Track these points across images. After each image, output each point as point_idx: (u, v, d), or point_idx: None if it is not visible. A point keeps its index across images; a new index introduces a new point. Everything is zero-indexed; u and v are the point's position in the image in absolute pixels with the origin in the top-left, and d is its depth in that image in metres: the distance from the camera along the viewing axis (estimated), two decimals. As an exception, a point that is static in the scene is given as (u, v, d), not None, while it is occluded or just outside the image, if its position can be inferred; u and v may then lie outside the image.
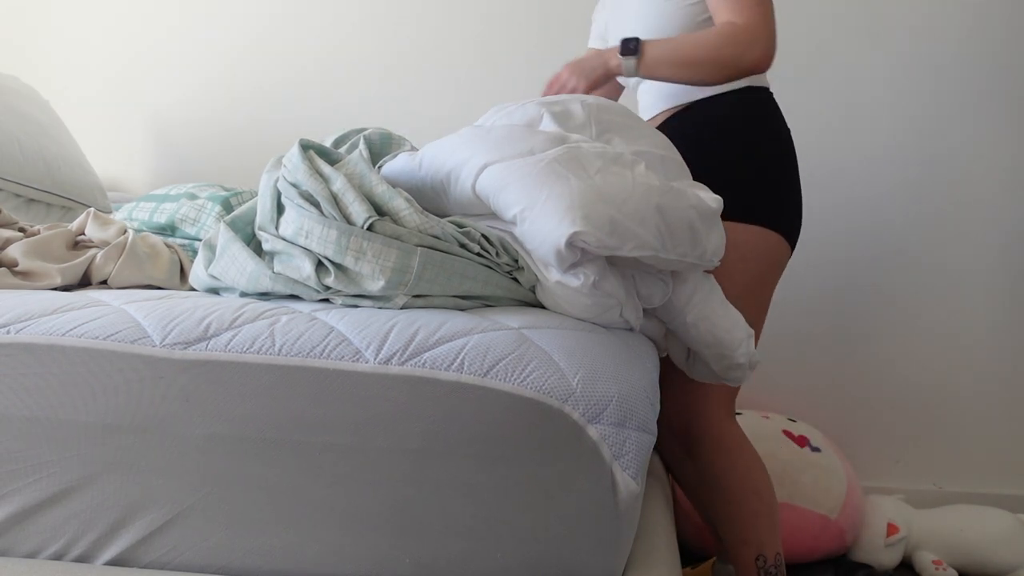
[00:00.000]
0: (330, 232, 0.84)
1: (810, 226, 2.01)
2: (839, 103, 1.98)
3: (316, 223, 0.85)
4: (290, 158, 0.92)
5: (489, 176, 0.91)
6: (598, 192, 0.87)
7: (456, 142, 0.98)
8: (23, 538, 0.79)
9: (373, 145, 1.12)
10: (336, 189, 0.87)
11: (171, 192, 1.32)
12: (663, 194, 0.91)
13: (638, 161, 0.95)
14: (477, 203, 0.94)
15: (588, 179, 0.88)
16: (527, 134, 0.96)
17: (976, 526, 1.72)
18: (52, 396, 0.78)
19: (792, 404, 2.03)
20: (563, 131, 1.00)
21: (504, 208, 0.90)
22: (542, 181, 0.87)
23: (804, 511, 1.69)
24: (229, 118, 2.26)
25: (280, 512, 0.76)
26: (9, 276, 1.03)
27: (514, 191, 0.89)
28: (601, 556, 0.75)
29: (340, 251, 0.84)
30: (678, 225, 0.91)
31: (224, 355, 0.77)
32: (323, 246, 0.85)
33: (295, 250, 0.87)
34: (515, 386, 0.74)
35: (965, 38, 1.92)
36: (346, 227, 0.84)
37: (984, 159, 1.94)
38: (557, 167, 0.89)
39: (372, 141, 1.12)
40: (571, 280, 0.88)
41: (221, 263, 0.94)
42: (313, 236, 0.85)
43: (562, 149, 0.92)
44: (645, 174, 0.92)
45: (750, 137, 1.33)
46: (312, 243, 0.86)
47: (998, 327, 1.96)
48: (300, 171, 0.90)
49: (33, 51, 2.36)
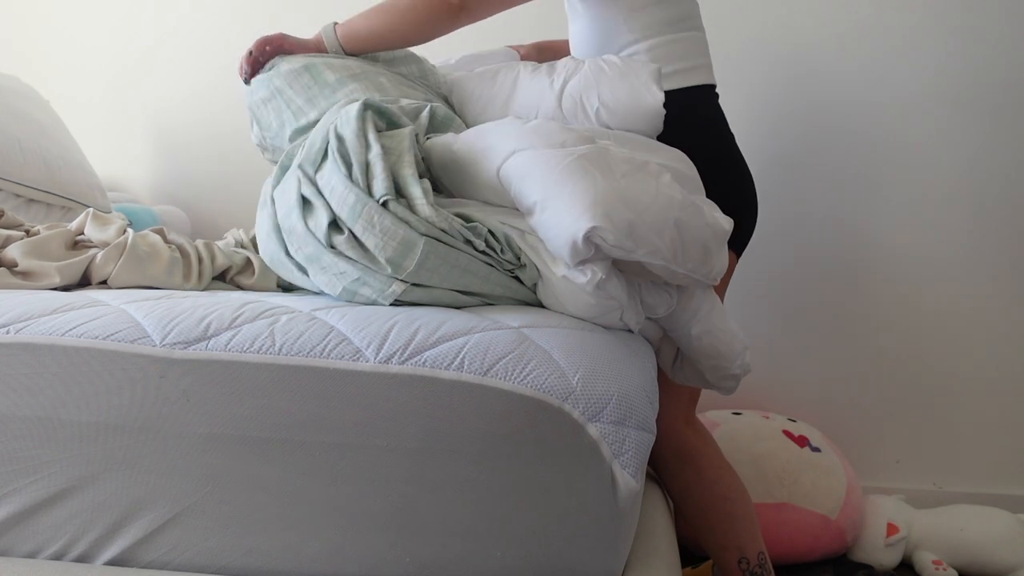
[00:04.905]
0: (348, 195, 0.87)
1: (809, 226, 2.02)
2: (837, 103, 1.99)
3: (340, 182, 0.88)
4: (348, 111, 0.95)
5: (516, 162, 0.93)
6: (622, 194, 0.88)
7: (493, 127, 1.00)
8: (23, 538, 0.79)
9: (435, 118, 1.14)
10: (370, 157, 0.90)
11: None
12: (683, 208, 0.92)
13: (664, 171, 0.96)
14: (497, 188, 0.96)
15: (614, 180, 0.89)
16: (560, 130, 0.98)
17: (976, 526, 1.72)
18: (52, 396, 0.78)
19: (792, 404, 2.03)
20: (594, 134, 1.02)
21: (525, 194, 0.91)
22: (569, 174, 0.89)
23: (804, 511, 1.69)
24: (229, 119, 2.25)
25: (280, 512, 0.76)
26: (9, 276, 1.04)
27: (538, 179, 0.90)
28: (601, 555, 0.75)
29: (353, 216, 0.86)
30: (692, 241, 0.93)
31: (224, 355, 0.77)
32: (340, 206, 0.87)
33: (319, 200, 0.90)
34: (515, 385, 0.74)
35: (958, 35, 1.92)
36: (364, 196, 0.86)
37: (984, 158, 1.94)
38: (585, 163, 0.90)
39: (436, 114, 1.14)
40: (578, 276, 0.88)
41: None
42: (335, 193, 0.88)
43: (592, 148, 0.94)
44: (670, 185, 0.93)
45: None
46: (333, 200, 0.88)
47: (998, 327, 1.96)
48: (349, 127, 0.92)
49: (33, 52, 2.36)
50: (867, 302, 2.01)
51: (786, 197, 2.01)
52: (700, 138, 1.27)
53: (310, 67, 1.22)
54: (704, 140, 1.27)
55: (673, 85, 1.28)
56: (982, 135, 1.93)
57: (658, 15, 1.27)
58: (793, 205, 2.01)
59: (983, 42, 1.91)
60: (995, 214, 1.94)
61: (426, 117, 1.09)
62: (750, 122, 1.98)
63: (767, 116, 2.01)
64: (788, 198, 2.01)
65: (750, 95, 2.00)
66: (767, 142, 2.00)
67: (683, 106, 1.28)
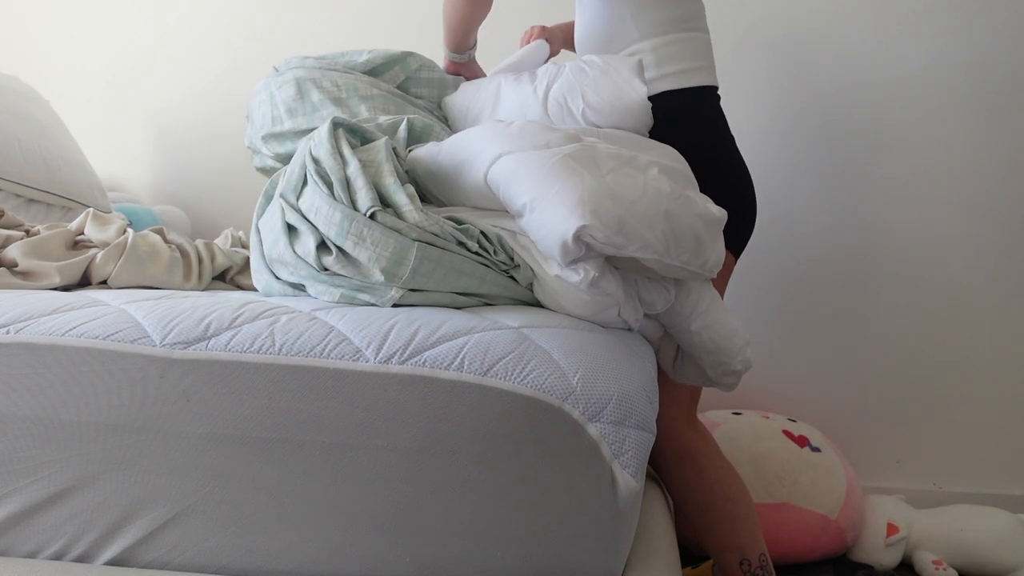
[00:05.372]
0: (335, 214, 0.86)
1: (809, 226, 2.02)
2: (838, 103, 1.99)
3: (324, 202, 0.87)
4: (319, 132, 0.94)
5: (502, 165, 0.92)
6: (609, 190, 0.87)
7: (476, 133, 1.00)
8: (23, 538, 0.79)
9: (414, 130, 1.14)
10: (349, 173, 0.89)
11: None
12: (673, 200, 0.92)
13: (651, 165, 0.96)
14: (486, 193, 0.95)
15: (601, 177, 0.89)
16: (544, 130, 0.98)
17: (976, 526, 1.72)
18: (52, 396, 0.78)
19: (792, 404, 2.03)
20: (581, 132, 1.02)
21: (514, 197, 0.91)
22: (555, 174, 0.88)
23: (804, 511, 1.69)
24: (229, 119, 2.26)
25: (280, 512, 0.76)
26: (9, 276, 1.04)
27: (526, 181, 0.90)
28: (601, 555, 0.75)
29: (342, 234, 0.85)
30: (684, 232, 0.92)
31: (224, 355, 0.77)
32: (327, 226, 0.86)
33: (305, 225, 0.89)
34: (515, 385, 0.74)
35: (956, 36, 1.92)
36: (350, 212, 0.85)
37: (983, 157, 1.94)
38: (571, 162, 0.90)
39: (414, 126, 1.15)
40: (571, 275, 0.88)
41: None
42: (320, 215, 0.87)
43: (578, 146, 0.93)
44: (657, 178, 0.93)
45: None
46: (319, 221, 0.87)
47: (999, 327, 1.96)
48: (323, 148, 0.92)
49: (33, 52, 2.36)
50: (867, 302, 2.01)
51: (786, 197, 2.01)
52: (702, 137, 1.27)
53: (300, 82, 1.25)
54: (706, 139, 1.27)
55: (677, 84, 1.28)
56: (983, 135, 1.93)
57: (666, 14, 1.27)
58: (793, 205, 2.01)
59: (985, 33, 1.91)
60: (996, 214, 1.94)
61: (404, 130, 1.10)
62: (750, 121, 1.98)
63: (767, 116, 2.01)
64: (788, 198, 2.01)
65: (750, 96, 2.00)
66: (767, 142, 2.00)
67: (686, 105, 1.28)
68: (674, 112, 1.27)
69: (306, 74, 1.27)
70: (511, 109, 1.26)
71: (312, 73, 1.27)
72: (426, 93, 1.37)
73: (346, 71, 1.29)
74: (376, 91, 1.27)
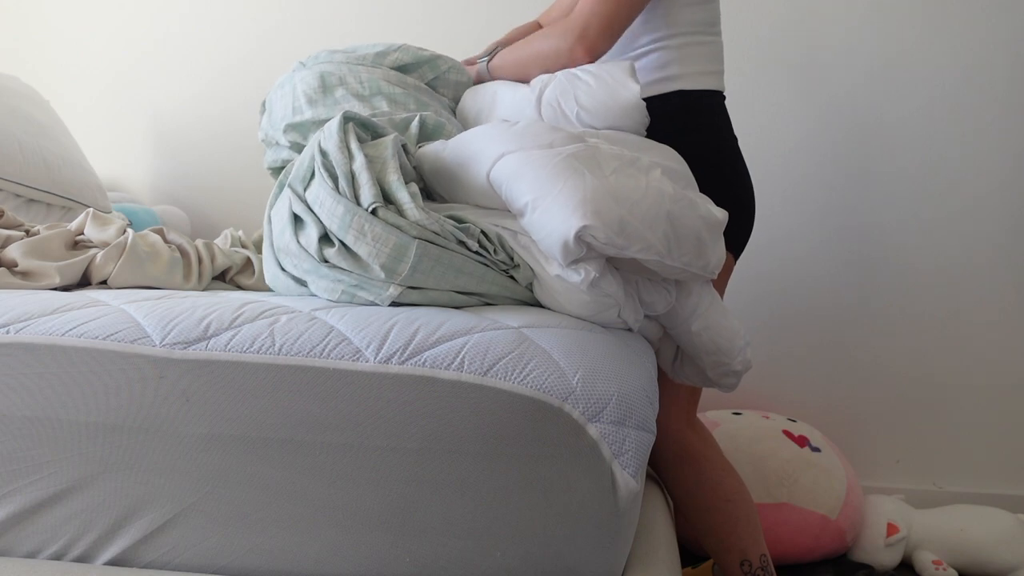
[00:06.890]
0: (337, 207, 0.86)
1: (809, 227, 2.02)
2: (838, 102, 1.99)
3: (328, 195, 0.88)
4: (330, 125, 0.95)
5: (505, 164, 0.93)
6: (611, 191, 0.87)
7: (480, 131, 1.00)
8: (23, 538, 0.79)
9: (426, 127, 1.15)
10: (355, 168, 0.90)
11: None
12: (675, 201, 0.92)
13: (654, 167, 0.96)
14: (488, 192, 0.96)
15: (603, 177, 0.89)
16: (548, 130, 0.98)
17: (976, 526, 1.72)
18: (52, 396, 0.78)
19: (792, 404, 2.03)
20: (584, 133, 1.02)
21: (516, 196, 0.91)
22: (557, 173, 0.88)
23: (804, 511, 1.69)
24: (229, 119, 2.26)
25: (280, 512, 0.76)
26: (9, 276, 1.04)
27: (528, 180, 0.90)
28: (601, 555, 0.75)
29: (343, 228, 0.86)
30: (686, 234, 0.92)
31: (224, 355, 0.77)
32: (330, 219, 0.87)
33: (310, 216, 0.90)
34: (515, 385, 0.74)
35: (963, 42, 1.92)
36: (352, 206, 0.86)
37: (983, 157, 1.94)
38: (574, 162, 0.90)
39: (426, 123, 1.15)
40: (571, 275, 0.88)
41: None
42: (324, 207, 0.88)
43: (581, 146, 0.94)
44: (659, 179, 0.93)
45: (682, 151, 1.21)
46: (323, 214, 0.88)
47: (998, 327, 1.96)
48: (332, 141, 0.92)
49: (33, 52, 2.36)
50: (867, 302, 2.01)
51: (786, 198, 2.01)
52: (709, 138, 1.28)
53: (325, 75, 1.25)
54: (712, 141, 1.29)
55: (694, 85, 1.29)
56: (983, 135, 1.93)
57: (697, 15, 1.29)
58: (793, 206, 2.01)
59: (993, 41, 1.91)
60: (995, 214, 1.94)
61: (416, 127, 1.11)
62: (751, 121, 1.98)
63: (767, 116, 2.01)
64: (788, 199, 2.01)
65: (750, 96, 2.00)
66: (767, 143, 2.00)
67: (698, 106, 1.29)
68: (686, 110, 1.28)
69: (333, 68, 1.26)
70: (506, 113, 1.26)
71: (339, 68, 1.26)
72: (451, 94, 1.37)
73: (374, 66, 1.28)
74: (400, 89, 1.27)
